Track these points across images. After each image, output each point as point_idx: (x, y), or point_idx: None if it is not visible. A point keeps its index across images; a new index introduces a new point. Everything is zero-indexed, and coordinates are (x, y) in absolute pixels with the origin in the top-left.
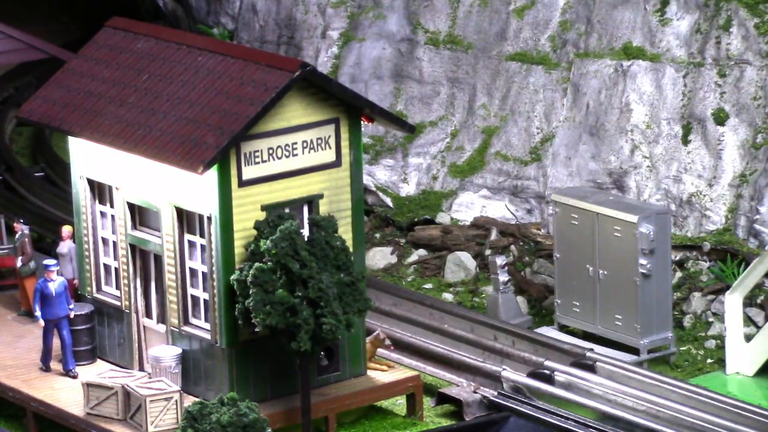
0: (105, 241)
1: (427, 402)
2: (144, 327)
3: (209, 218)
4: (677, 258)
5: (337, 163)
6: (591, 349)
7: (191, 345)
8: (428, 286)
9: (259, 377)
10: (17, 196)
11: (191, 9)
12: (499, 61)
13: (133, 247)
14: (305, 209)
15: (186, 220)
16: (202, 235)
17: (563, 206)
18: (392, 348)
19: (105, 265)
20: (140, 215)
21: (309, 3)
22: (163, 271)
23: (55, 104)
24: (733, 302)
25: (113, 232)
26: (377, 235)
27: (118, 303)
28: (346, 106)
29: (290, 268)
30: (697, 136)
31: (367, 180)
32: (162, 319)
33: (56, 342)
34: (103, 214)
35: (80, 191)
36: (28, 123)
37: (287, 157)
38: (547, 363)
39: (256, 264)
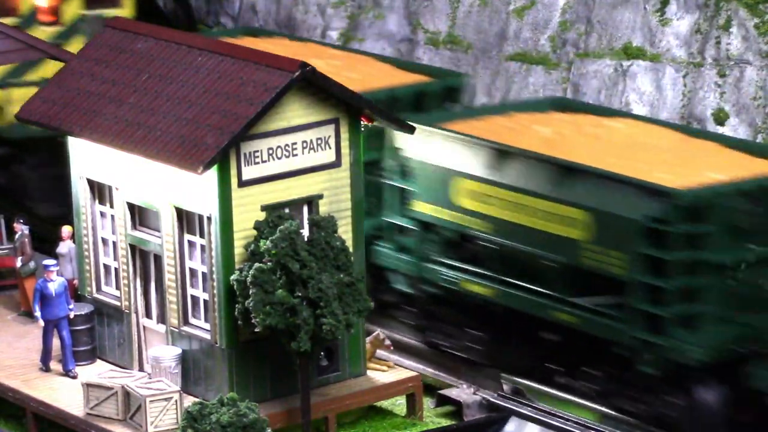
0: (105, 241)
1: (427, 403)
2: (144, 327)
3: (209, 218)
4: None
5: (337, 163)
6: None
7: (191, 345)
8: None
9: (259, 377)
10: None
11: (191, 9)
12: (499, 61)
13: (133, 247)
14: (305, 209)
15: (186, 220)
16: (202, 235)
17: None
18: (392, 348)
19: (105, 265)
20: (140, 215)
21: (309, 3)
22: (163, 271)
23: (55, 104)
24: None
25: (113, 232)
26: None
27: (118, 303)
28: (346, 106)
29: (290, 269)
30: None
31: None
32: (162, 319)
33: (56, 342)
34: (103, 214)
35: (80, 191)
36: (28, 123)
37: (287, 157)
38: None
39: (256, 264)
